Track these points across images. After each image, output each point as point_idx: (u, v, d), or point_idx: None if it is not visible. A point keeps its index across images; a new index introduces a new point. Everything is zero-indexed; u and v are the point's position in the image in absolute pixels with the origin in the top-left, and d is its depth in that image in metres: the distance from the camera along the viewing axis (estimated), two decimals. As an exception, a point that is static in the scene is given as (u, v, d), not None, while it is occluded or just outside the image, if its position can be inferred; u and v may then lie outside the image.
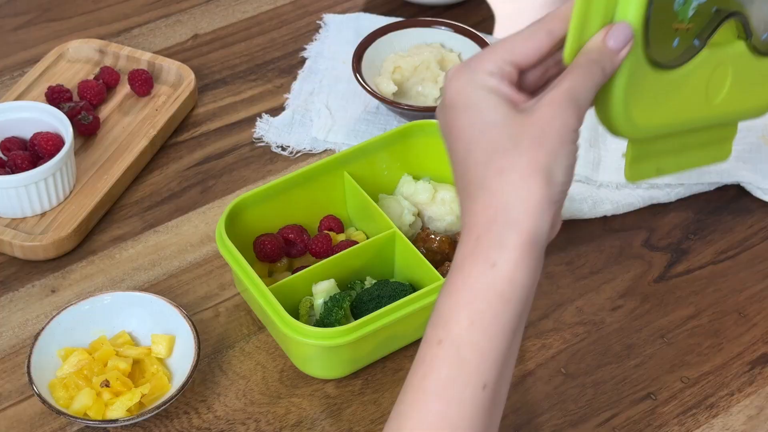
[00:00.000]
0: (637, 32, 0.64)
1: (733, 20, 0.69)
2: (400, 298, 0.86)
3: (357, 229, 0.98)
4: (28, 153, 1.00)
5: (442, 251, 0.94)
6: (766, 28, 0.71)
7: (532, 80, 0.66)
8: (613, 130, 0.67)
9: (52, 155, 0.99)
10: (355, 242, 0.94)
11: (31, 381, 0.84)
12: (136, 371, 0.87)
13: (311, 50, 1.20)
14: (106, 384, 0.85)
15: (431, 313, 0.63)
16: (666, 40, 0.65)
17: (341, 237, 0.97)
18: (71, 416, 0.83)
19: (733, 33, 0.70)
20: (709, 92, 0.70)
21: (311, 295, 0.89)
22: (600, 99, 0.65)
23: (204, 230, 1.01)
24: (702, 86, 0.70)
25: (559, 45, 0.64)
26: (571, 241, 0.99)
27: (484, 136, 0.62)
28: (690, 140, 0.73)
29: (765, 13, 0.71)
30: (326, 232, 0.96)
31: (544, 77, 0.67)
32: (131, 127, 1.08)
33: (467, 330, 0.60)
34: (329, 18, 1.23)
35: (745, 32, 0.70)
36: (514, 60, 0.63)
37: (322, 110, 1.11)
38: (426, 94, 1.09)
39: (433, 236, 0.94)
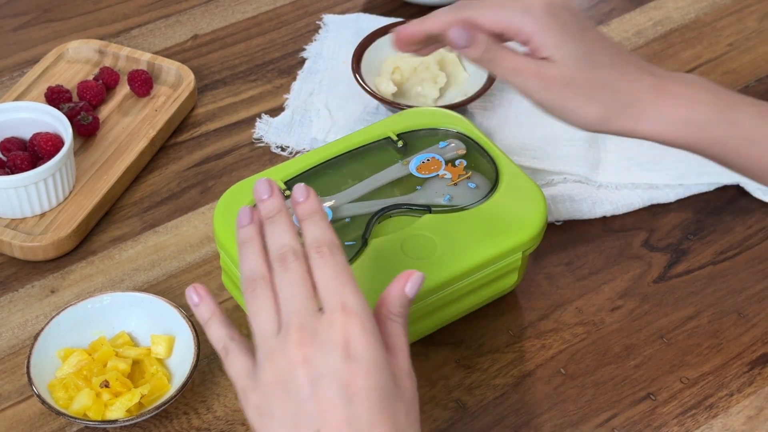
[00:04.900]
0: None
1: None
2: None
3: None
4: (27, 153, 1.00)
5: None
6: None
7: None
8: None
9: (51, 156, 0.99)
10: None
11: (30, 381, 0.84)
12: (135, 372, 0.87)
13: (311, 51, 1.20)
14: (106, 384, 0.85)
15: None
16: None
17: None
18: (71, 417, 0.83)
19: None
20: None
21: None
22: None
23: (204, 231, 1.01)
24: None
25: None
26: (571, 241, 0.99)
27: None
28: None
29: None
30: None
31: None
32: (131, 128, 1.08)
33: None
34: (329, 18, 1.23)
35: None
36: None
37: (321, 110, 1.11)
38: (425, 94, 1.09)
39: None
